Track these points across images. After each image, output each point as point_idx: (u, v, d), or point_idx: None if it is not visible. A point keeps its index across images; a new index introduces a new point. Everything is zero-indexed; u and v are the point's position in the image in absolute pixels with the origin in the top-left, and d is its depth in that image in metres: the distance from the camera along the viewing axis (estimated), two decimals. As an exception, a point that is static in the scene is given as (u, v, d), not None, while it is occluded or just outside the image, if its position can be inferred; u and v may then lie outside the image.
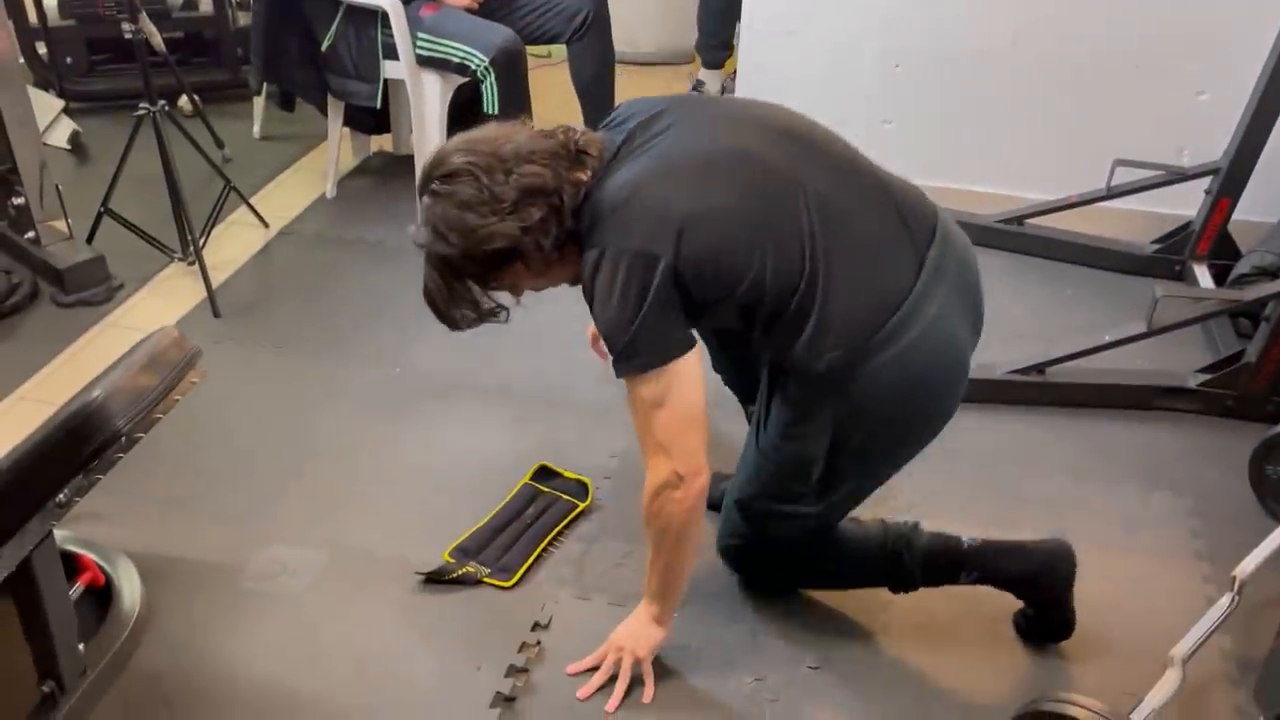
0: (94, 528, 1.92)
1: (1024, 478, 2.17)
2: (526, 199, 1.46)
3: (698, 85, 3.78)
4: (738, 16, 3.14)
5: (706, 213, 1.46)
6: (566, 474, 2.15)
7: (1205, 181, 2.69)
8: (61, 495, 1.28)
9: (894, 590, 1.78)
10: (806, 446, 1.61)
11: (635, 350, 1.46)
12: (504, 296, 1.66)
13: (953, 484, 2.12)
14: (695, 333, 1.55)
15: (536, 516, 2.06)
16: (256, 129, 3.62)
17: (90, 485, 1.34)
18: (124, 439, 1.26)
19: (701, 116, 1.60)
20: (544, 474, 2.16)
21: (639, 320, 1.43)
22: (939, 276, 1.54)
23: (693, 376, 1.48)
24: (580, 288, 1.55)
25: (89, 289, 2.70)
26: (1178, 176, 2.69)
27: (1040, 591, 1.76)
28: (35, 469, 1.24)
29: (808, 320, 1.49)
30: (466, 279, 1.55)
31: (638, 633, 1.71)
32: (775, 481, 1.68)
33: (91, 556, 1.76)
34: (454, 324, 1.62)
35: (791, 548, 1.77)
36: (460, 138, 1.54)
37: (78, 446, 1.22)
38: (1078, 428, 2.31)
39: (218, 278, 2.75)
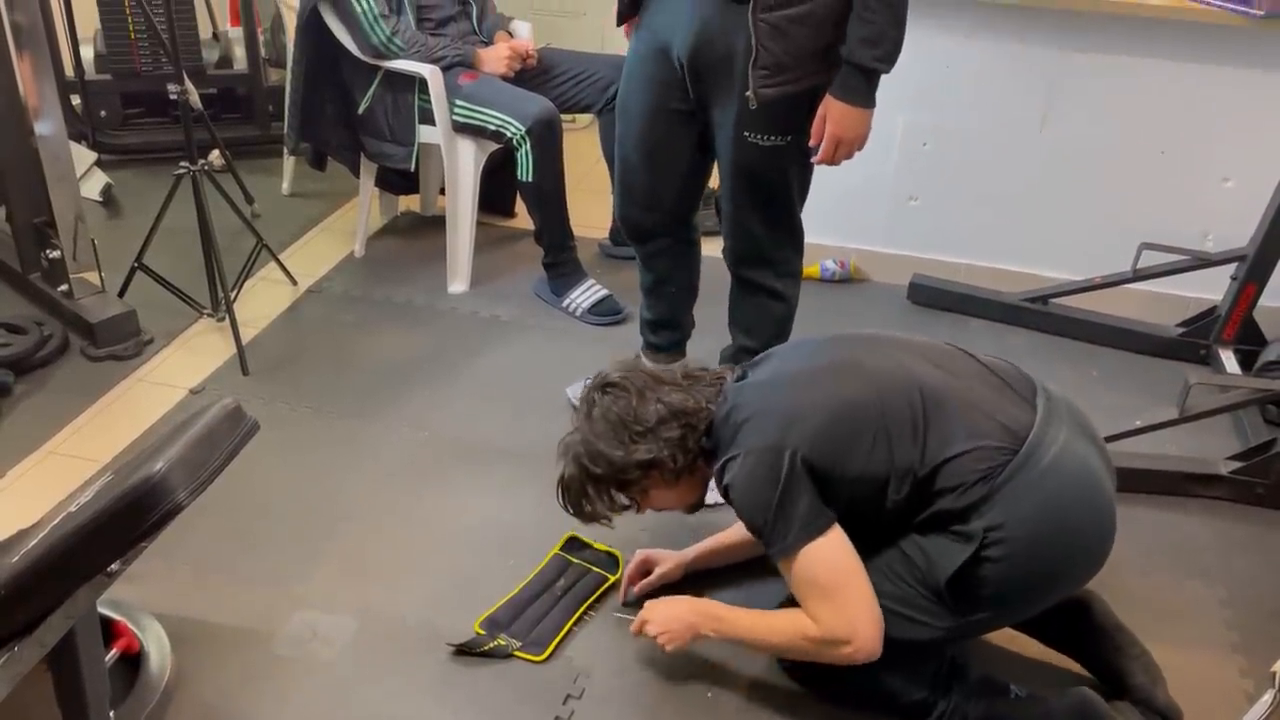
0: (123, 589, 1.91)
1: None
2: (666, 421, 1.68)
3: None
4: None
5: (823, 404, 1.62)
6: (597, 546, 2.14)
7: (1231, 267, 2.72)
8: (113, 566, 1.28)
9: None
10: (944, 560, 1.61)
11: (779, 533, 1.58)
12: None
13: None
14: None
15: (567, 588, 2.05)
16: (286, 186, 3.66)
17: (138, 554, 1.34)
18: (180, 510, 1.25)
19: (799, 348, 1.84)
20: (574, 545, 2.15)
21: (775, 506, 1.57)
22: (1054, 416, 1.64)
23: (839, 545, 1.59)
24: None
25: (120, 343, 2.71)
26: (1203, 262, 2.71)
27: None
28: (93, 539, 1.24)
29: (941, 472, 1.58)
30: (603, 484, 1.73)
31: (675, 634, 1.76)
32: (906, 584, 1.65)
33: (127, 623, 1.74)
34: (583, 516, 1.79)
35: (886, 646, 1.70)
36: (627, 363, 1.83)
37: (137, 519, 1.22)
38: (1108, 512, 2.30)
39: (246, 334, 2.76)
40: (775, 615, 1.69)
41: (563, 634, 1.94)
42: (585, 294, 2.99)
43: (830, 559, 1.59)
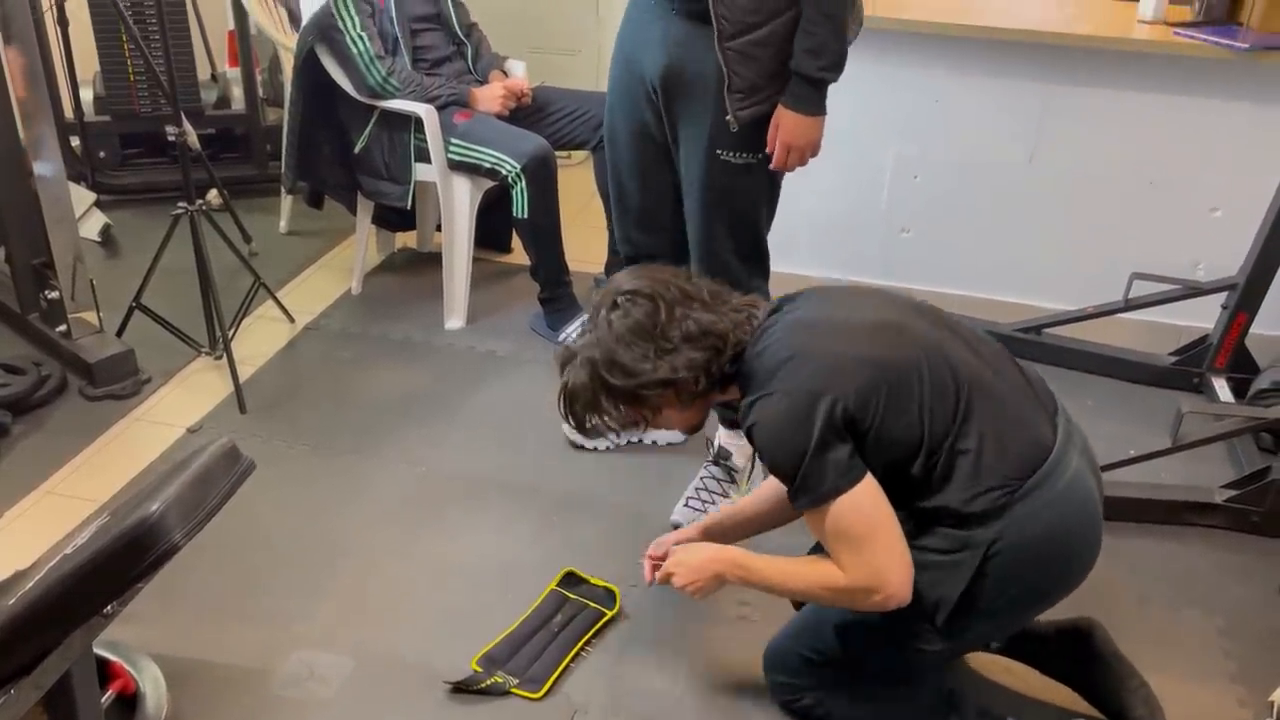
0: (120, 629, 1.90)
1: (1053, 592, 2.16)
2: (693, 340, 1.59)
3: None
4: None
5: (870, 359, 1.54)
6: (594, 581, 2.14)
7: (1222, 295, 2.74)
8: (109, 608, 1.28)
9: None
10: (941, 586, 1.57)
11: (810, 484, 1.51)
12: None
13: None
14: None
15: (564, 624, 2.04)
16: (284, 224, 3.68)
17: (134, 595, 1.34)
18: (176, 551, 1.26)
19: (843, 294, 1.75)
20: (571, 580, 2.15)
21: (810, 453, 1.49)
22: (1071, 439, 1.61)
23: (872, 497, 1.52)
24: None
25: (118, 383, 2.72)
26: (1194, 292, 2.73)
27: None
28: (89, 581, 1.24)
29: (963, 461, 1.54)
30: (616, 397, 1.62)
31: (700, 584, 1.72)
32: (893, 618, 1.60)
33: (123, 664, 1.74)
34: (583, 429, 1.68)
35: (879, 675, 1.73)
36: (654, 268, 1.69)
37: (135, 560, 1.22)
38: (1105, 542, 2.29)
39: (243, 372, 2.77)
40: (802, 563, 1.64)
41: (560, 670, 1.93)
42: (581, 328, 3.00)
43: (863, 507, 1.51)
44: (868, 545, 1.51)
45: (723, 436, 2.36)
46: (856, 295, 1.73)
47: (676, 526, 2.25)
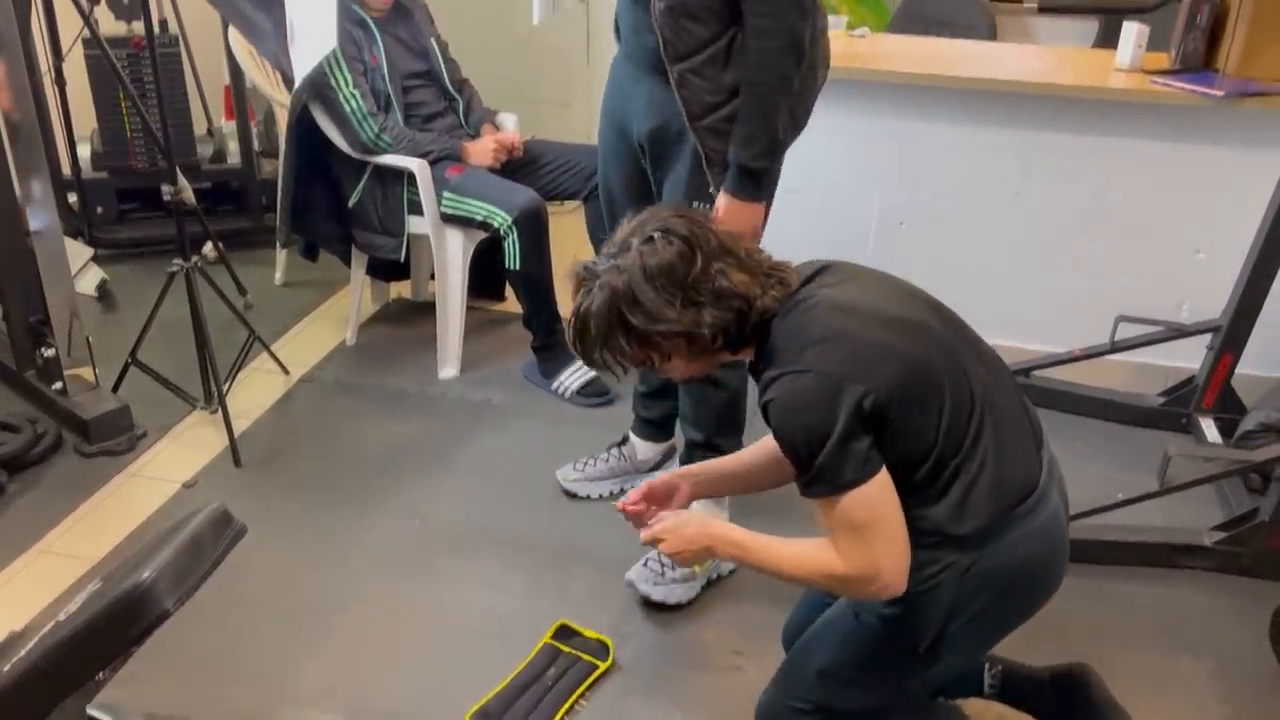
0: (113, 691, 1.90)
1: (1043, 639, 2.16)
2: (723, 299, 1.50)
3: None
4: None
5: (903, 357, 1.48)
6: (587, 633, 2.15)
7: (1206, 336, 2.77)
8: (101, 674, 1.29)
9: None
10: (920, 618, 1.55)
11: (827, 474, 1.43)
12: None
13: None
14: None
15: (558, 678, 2.05)
16: (279, 276, 3.72)
17: (126, 660, 1.35)
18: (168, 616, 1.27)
19: (873, 278, 1.65)
20: (564, 633, 2.16)
21: (833, 441, 1.41)
22: (1053, 474, 1.60)
23: (885, 490, 1.47)
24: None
25: (113, 439, 2.74)
26: (1178, 333, 2.76)
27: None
28: (81, 649, 1.25)
29: (962, 481, 1.50)
30: (629, 335, 1.52)
31: (688, 555, 1.64)
32: (872, 652, 1.60)
33: (116, 726, 1.74)
34: (590, 360, 1.59)
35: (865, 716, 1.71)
36: (696, 211, 1.63)
37: (125, 628, 1.23)
38: (1095, 586, 2.32)
39: (239, 426, 2.79)
40: (799, 546, 1.55)
41: (554, 725, 1.94)
42: (574, 376, 3.03)
43: (874, 499, 1.45)
44: (871, 535, 1.46)
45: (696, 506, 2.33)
46: (887, 283, 1.64)
47: (631, 585, 2.26)
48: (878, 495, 1.45)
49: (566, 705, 1.98)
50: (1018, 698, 1.90)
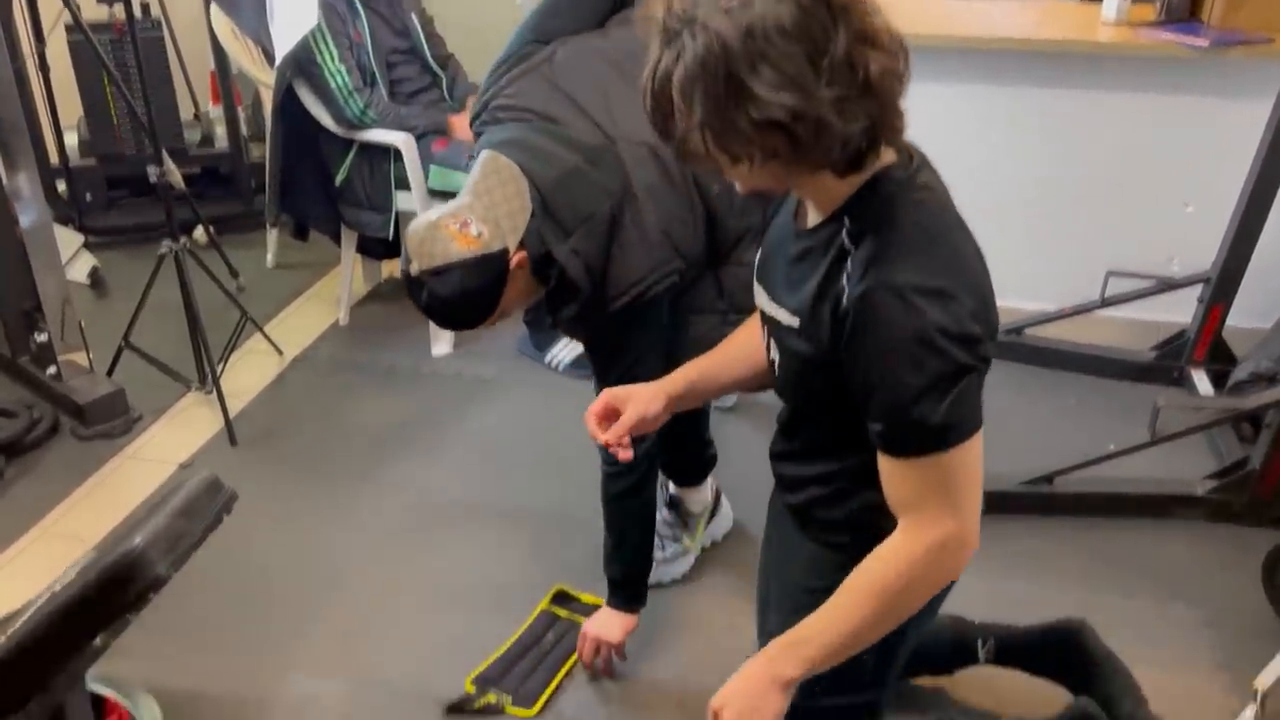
0: (116, 663, 1.92)
1: (1039, 591, 2.18)
2: (868, 94, 1.08)
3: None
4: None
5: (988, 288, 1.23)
6: (584, 598, 2.16)
7: (1197, 289, 2.77)
8: (98, 641, 1.30)
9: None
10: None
11: (944, 420, 1.13)
12: None
13: (966, 599, 2.12)
14: None
15: (556, 642, 2.07)
16: (270, 258, 3.72)
17: (124, 627, 1.36)
18: (162, 583, 1.28)
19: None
20: (562, 598, 2.18)
21: (964, 387, 1.13)
22: None
23: (980, 448, 1.19)
24: None
25: (109, 422, 2.75)
26: (1168, 286, 2.76)
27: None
28: (75, 615, 1.26)
29: None
30: (732, 107, 1.04)
31: (761, 704, 1.24)
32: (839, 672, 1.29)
33: (118, 699, 1.76)
34: (664, 133, 1.11)
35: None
36: None
37: (118, 593, 1.25)
38: (1089, 538, 2.34)
39: (234, 406, 2.80)
40: (853, 581, 1.22)
41: (553, 687, 1.96)
42: (567, 348, 3.04)
43: (977, 458, 1.18)
44: (967, 495, 1.18)
45: (673, 488, 2.28)
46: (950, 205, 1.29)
47: None
48: (979, 452, 1.19)
49: (565, 668, 2.00)
50: (1013, 659, 1.90)
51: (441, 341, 3.15)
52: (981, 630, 1.89)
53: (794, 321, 1.24)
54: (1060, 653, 1.87)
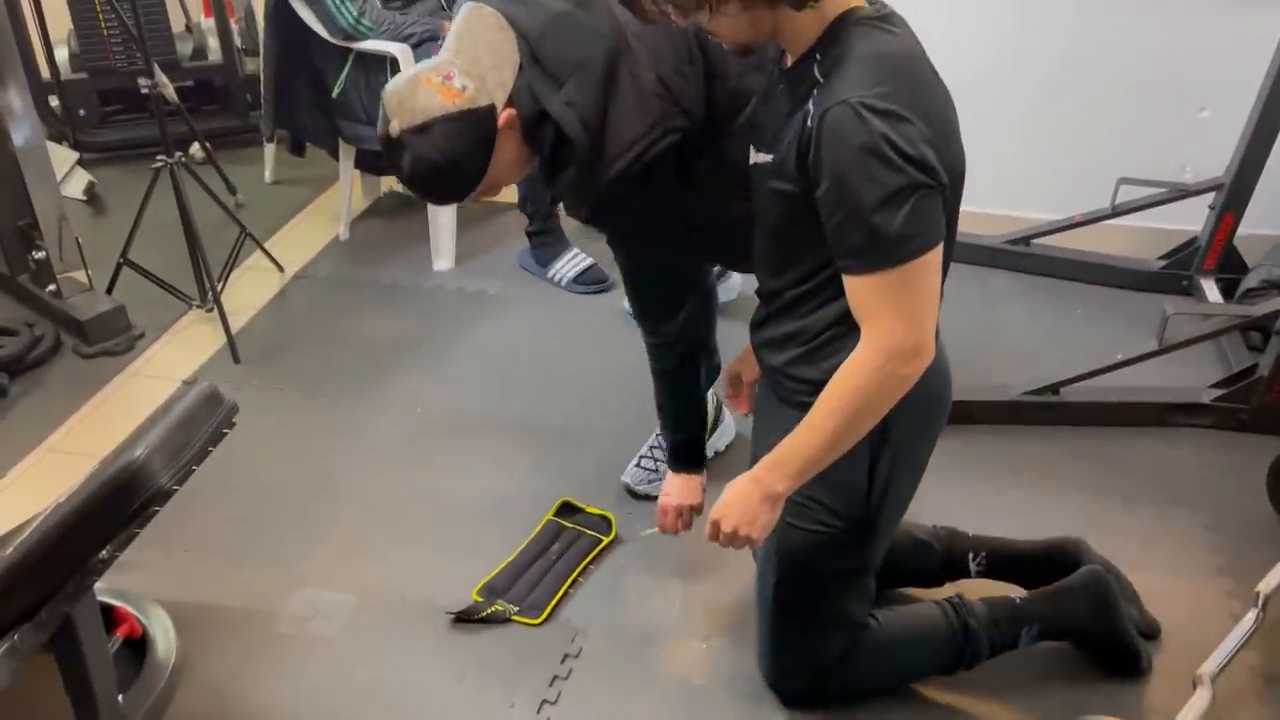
0: (127, 578, 1.95)
1: (1042, 498, 2.19)
2: None
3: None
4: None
5: (959, 153, 1.37)
6: (589, 509, 2.17)
7: (1209, 197, 2.72)
8: (104, 552, 1.31)
9: (966, 668, 1.73)
10: (846, 474, 1.49)
11: (906, 230, 1.26)
12: None
13: (970, 506, 2.14)
14: None
15: (561, 552, 2.08)
16: (268, 174, 3.67)
17: (130, 540, 1.37)
18: (166, 495, 1.28)
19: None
20: (567, 510, 2.19)
21: (919, 197, 1.25)
22: None
23: (939, 263, 1.33)
24: None
25: (111, 339, 2.74)
26: (1180, 193, 2.72)
27: (1098, 638, 1.77)
28: (80, 527, 1.27)
29: None
30: None
31: (754, 517, 1.46)
32: (807, 557, 1.56)
33: (127, 608, 1.78)
34: None
35: (855, 658, 1.68)
36: None
37: (122, 504, 1.25)
38: (1093, 446, 2.33)
39: (235, 323, 2.79)
40: (823, 398, 1.37)
41: (559, 597, 1.97)
42: (570, 264, 3.01)
43: (935, 271, 1.32)
44: (926, 306, 1.32)
45: None
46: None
47: (626, 488, 2.22)
48: (937, 264, 1.31)
49: (571, 578, 2.01)
50: (1005, 572, 1.88)
51: (443, 256, 3.12)
52: (974, 543, 1.89)
53: (769, 158, 1.36)
54: (1055, 567, 1.85)
